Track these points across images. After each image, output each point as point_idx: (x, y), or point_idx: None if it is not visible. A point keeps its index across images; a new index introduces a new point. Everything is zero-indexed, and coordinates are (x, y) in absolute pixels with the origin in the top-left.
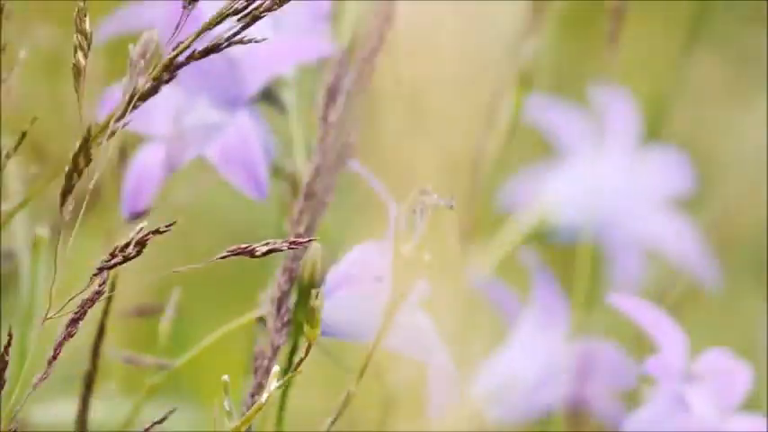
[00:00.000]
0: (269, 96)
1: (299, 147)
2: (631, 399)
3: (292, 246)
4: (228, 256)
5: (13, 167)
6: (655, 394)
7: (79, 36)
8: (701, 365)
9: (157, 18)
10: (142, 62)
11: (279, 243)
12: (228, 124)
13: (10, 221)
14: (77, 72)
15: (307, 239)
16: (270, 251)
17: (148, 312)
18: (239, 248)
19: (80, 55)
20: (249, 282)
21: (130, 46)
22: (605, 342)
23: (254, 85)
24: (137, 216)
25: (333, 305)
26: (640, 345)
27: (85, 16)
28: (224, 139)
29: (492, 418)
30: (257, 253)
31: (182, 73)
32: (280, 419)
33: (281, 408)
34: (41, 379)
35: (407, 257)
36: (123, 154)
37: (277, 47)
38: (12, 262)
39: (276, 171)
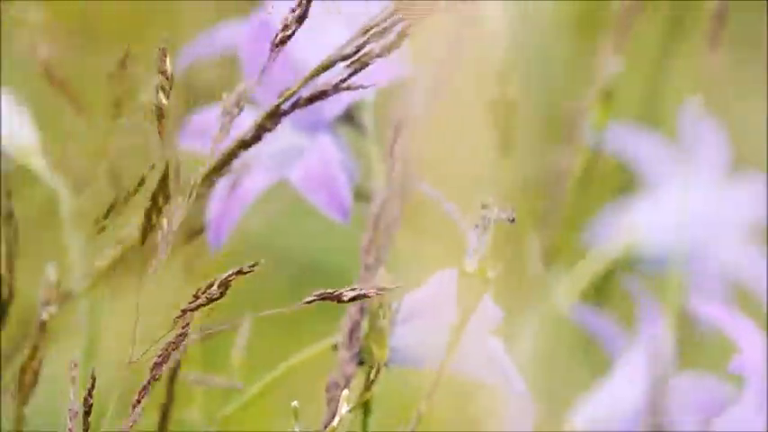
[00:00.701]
0: (349, 118)
1: (378, 170)
2: None
3: (379, 292)
4: (315, 300)
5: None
6: (743, 392)
7: (161, 77)
8: None
9: (237, 41)
10: (236, 111)
11: (366, 289)
12: (311, 148)
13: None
14: (160, 113)
15: (393, 287)
16: (356, 297)
17: (214, 335)
18: (326, 293)
19: (162, 96)
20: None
21: (224, 95)
22: (704, 374)
23: (336, 109)
24: (221, 242)
25: (406, 335)
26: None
27: (166, 57)
28: (307, 163)
29: None
30: (344, 298)
31: (263, 98)
32: None
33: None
34: (130, 425)
35: (472, 273)
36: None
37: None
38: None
39: (358, 194)
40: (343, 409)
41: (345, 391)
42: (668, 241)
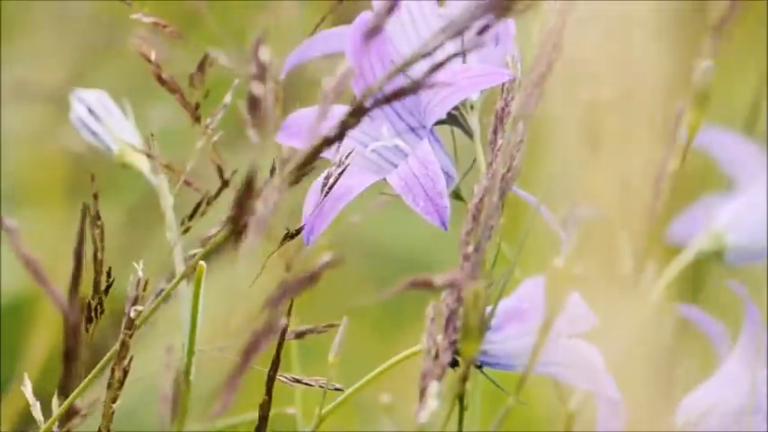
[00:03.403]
0: (455, 119)
1: (483, 170)
2: None
3: (471, 279)
4: (406, 287)
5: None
6: None
7: (255, 66)
8: None
9: (342, 45)
10: (332, 96)
11: (457, 275)
12: (411, 152)
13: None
14: (254, 103)
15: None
16: (449, 283)
17: (306, 335)
18: (417, 280)
19: (257, 85)
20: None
21: (324, 78)
22: None
23: (437, 113)
24: (314, 239)
25: (502, 338)
26: None
27: (261, 46)
28: (406, 168)
29: None
30: (436, 284)
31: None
32: None
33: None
34: (223, 405)
35: (559, 270)
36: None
37: (461, 75)
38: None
39: (458, 195)
40: (433, 402)
41: (436, 386)
42: (757, 237)
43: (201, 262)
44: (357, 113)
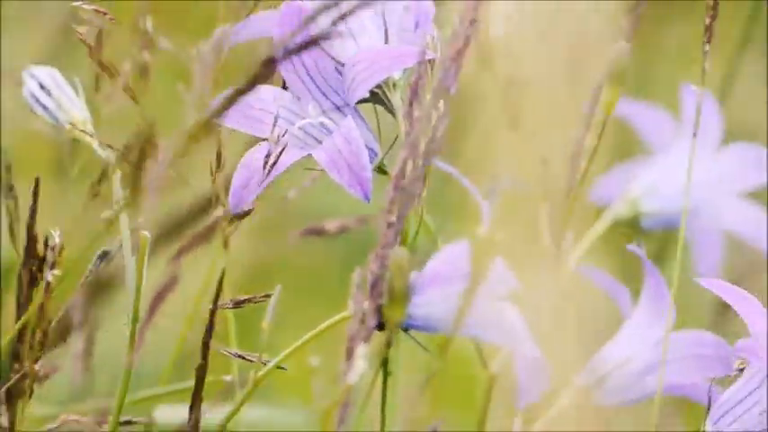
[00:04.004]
0: (378, 97)
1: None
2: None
3: (359, 223)
4: (302, 234)
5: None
6: (745, 375)
7: (141, 36)
8: None
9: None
10: (210, 60)
11: (348, 221)
12: (335, 128)
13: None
14: (144, 70)
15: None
16: (340, 228)
17: (244, 304)
18: (311, 227)
19: (145, 54)
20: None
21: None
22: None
23: (360, 91)
24: (242, 211)
25: (424, 302)
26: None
27: (145, 17)
28: (331, 143)
29: (599, 403)
30: (328, 230)
31: (291, 78)
32: (383, 406)
33: (384, 398)
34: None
35: (482, 238)
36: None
37: (383, 54)
38: (111, 263)
39: (381, 170)
40: (361, 363)
41: (364, 348)
42: (672, 203)
43: (145, 232)
44: (267, 65)
